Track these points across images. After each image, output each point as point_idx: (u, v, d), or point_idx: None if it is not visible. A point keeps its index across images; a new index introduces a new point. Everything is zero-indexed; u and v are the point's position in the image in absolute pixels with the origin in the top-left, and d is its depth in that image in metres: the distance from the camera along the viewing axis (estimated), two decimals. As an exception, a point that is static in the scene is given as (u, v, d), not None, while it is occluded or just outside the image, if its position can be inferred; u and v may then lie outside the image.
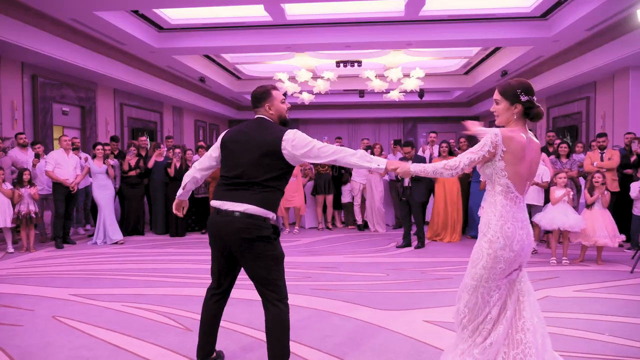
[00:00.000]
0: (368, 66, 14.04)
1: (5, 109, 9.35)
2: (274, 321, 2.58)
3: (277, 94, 2.72)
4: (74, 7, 8.26)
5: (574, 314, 3.89)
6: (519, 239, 2.31)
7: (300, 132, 2.60)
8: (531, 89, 2.33)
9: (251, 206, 2.52)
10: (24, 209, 6.30)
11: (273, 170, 2.56)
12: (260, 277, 2.59)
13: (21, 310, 4.08)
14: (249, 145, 2.59)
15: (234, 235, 2.53)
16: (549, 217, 5.69)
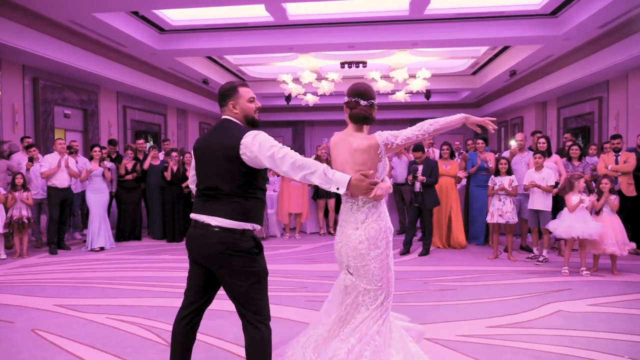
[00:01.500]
0: (373, 67, 13.83)
1: (6, 112, 9.25)
2: (253, 344, 2.34)
3: (245, 92, 2.46)
4: (73, 8, 8.14)
5: (589, 331, 3.59)
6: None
7: (264, 135, 2.30)
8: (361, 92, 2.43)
9: (225, 219, 2.30)
10: (17, 214, 6.15)
11: (238, 178, 2.31)
12: (240, 295, 2.35)
13: (1, 322, 3.91)
14: (210, 152, 2.38)
15: (210, 249, 2.32)
16: (566, 224, 5.27)
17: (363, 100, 2.39)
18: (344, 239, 2.44)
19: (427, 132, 2.47)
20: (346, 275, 2.53)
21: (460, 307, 4.16)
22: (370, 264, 2.42)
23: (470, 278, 5.21)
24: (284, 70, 14.55)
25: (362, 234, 2.43)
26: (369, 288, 2.44)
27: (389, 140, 2.39)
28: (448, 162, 7.04)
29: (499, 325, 3.71)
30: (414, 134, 2.43)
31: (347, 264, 2.45)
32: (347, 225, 2.44)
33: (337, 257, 2.59)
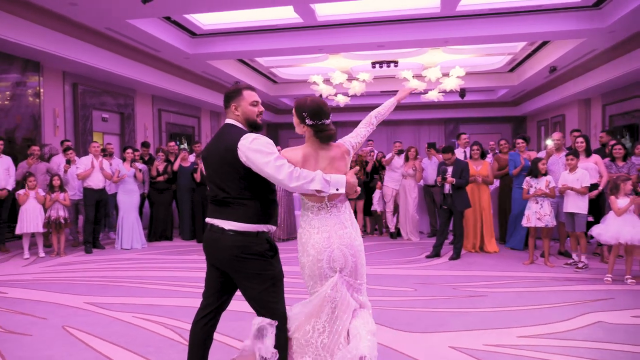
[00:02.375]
0: (405, 66, 13.60)
1: (48, 117, 9.63)
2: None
3: (249, 95, 2.44)
4: (108, 16, 8.37)
5: (631, 345, 3.33)
6: (313, 243, 2.37)
7: (262, 140, 2.28)
8: (320, 113, 2.33)
9: (237, 223, 2.31)
10: (54, 214, 6.37)
11: (243, 180, 2.31)
12: (255, 298, 2.37)
13: (34, 318, 4.04)
14: (213, 158, 2.40)
15: (225, 253, 2.34)
16: (613, 229, 4.92)
17: (326, 120, 2.36)
18: (337, 240, 2.36)
19: (374, 124, 2.72)
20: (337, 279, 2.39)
21: (489, 315, 4.00)
22: (363, 259, 2.47)
23: (502, 284, 5.01)
24: (314, 71, 14.53)
25: (353, 231, 2.43)
26: (360, 282, 2.46)
27: (353, 143, 2.56)
28: (479, 162, 6.81)
29: (531, 335, 3.53)
30: (366, 130, 2.66)
31: (342, 266, 2.37)
32: (332, 229, 2.38)
33: (321, 269, 2.37)
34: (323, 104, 2.36)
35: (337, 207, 2.41)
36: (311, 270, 2.37)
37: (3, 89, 8.47)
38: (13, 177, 6.69)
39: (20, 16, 7.70)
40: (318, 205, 2.38)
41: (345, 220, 2.42)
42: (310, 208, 2.40)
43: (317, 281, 2.38)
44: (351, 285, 2.41)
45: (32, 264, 6.11)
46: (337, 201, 2.41)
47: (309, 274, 2.39)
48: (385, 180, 7.75)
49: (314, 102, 2.36)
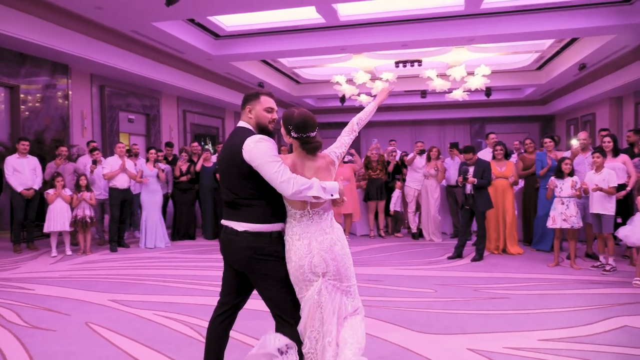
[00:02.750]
0: (429, 65, 13.46)
1: (76, 118, 9.89)
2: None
3: (266, 100, 2.47)
4: (134, 19, 8.54)
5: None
6: (295, 250, 2.37)
7: (265, 144, 2.30)
8: (306, 126, 2.33)
9: (250, 224, 2.36)
10: (81, 214, 6.53)
11: (250, 181, 2.34)
12: (269, 297, 2.43)
13: (59, 314, 4.14)
14: (224, 160, 2.46)
15: (239, 254, 2.40)
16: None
17: (311, 132, 2.35)
18: (317, 246, 2.37)
19: (357, 131, 2.70)
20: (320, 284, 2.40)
21: (510, 317, 3.92)
22: (347, 262, 2.45)
23: (524, 286, 4.90)
24: (338, 71, 14.52)
25: (334, 237, 2.42)
26: (347, 284, 2.45)
27: (338, 153, 2.56)
28: (502, 163, 6.66)
29: (552, 338, 3.44)
30: (349, 137, 2.64)
31: (323, 270, 2.38)
32: (312, 236, 2.38)
33: (304, 274, 2.37)
34: (309, 118, 2.35)
35: (319, 214, 2.41)
36: (295, 276, 2.38)
37: (33, 91, 8.75)
38: (40, 177, 6.89)
39: (49, 20, 7.94)
40: (300, 213, 2.39)
41: (326, 226, 2.42)
42: (293, 215, 2.41)
43: (302, 287, 2.39)
44: (338, 289, 2.42)
45: (59, 261, 6.28)
46: (319, 208, 2.41)
47: (294, 281, 2.40)
48: (407, 181, 7.68)
49: (301, 115, 2.35)
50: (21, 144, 6.76)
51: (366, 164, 7.89)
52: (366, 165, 7.89)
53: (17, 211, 6.73)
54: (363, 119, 2.76)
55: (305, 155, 2.42)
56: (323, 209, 2.42)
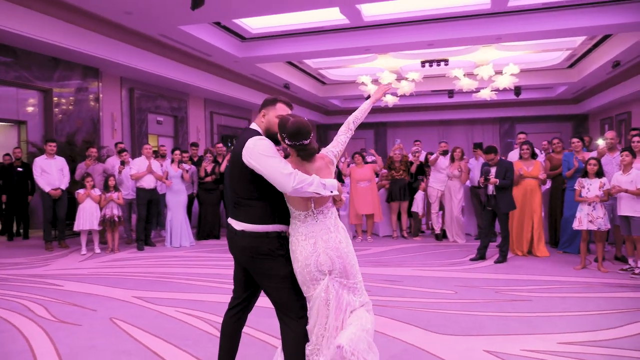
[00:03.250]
0: (456, 64, 13.30)
1: (106, 120, 10.21)
2: (285, 339, 2.45)
3: (282, 108, 2.49)
4: (161, 23, 8.76)
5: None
6: (301, 250, 2.40)
7: (266, 142, 2.35)
8: (299, 134, 2.32)
9: (247, 224, 2.42)
10: (109, 213, 6.74)
11: (249, 181, 2.39)
12: (270, 294, 2.49)
13: (86, 310, 4.29)
14: (230, 160, 2.53)
15: (240, 252, 2.47)
16: None
17: (305, 140, 2.36)
18: (323, 245, 2.41)
19: (353, 130, 2.75)
20: (327, 282, 2.42)
21: (531, 320, 3.84)
22: (352, 260, 2.47)
23: (548, 289, 4.79)
24: (363, 71, 14.50)
25: (338, 235, 2.46)
26: (353, 282, 2.46)
27: (335, 152, 2.61)
28: (530, 162, 6.52)
29: (572, 342, 3.36)
30: (345, 136, 2.69)
31: (330, 268, 2.40)
32: (317, 235, 2.42)
33: (311, 273, 2.40)
34: (303, 126, 2.34)
35: (324, 214, 2.45)
36: (302, 275, 2.41)
37: (65, 94, 9.07)
38: (67, 177, 7.13)
39: (81, 25, 8.22)
40: (305, 213, 2.41)
41: (331, 225, 2.45)
42: (297, 216, 2.43)
43: (309, 286, 2.41)
44: (345, 286, 2.44)
45: (88, 259, 6.50)
46: (323, 207, 2.44)
47: (301, 280, 2.42)
48: (430, 181, 7.61)
49: (294, 123, 2.33)
50: (48, 145, 7.01)
51: (389, 165, 7.86)
52: (389, 165, 7.85)
53: (46, 210, 6.99)
54: (359, 117, 2.80)
55: (299, 159, 2.45)
56: (327, 207, 2.45)
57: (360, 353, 2.25)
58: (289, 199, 2.41)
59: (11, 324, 3.89)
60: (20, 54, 8.09)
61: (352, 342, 2.26)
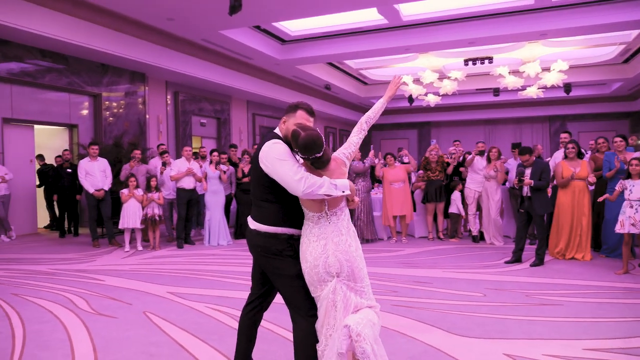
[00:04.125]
0: (501, 62, 12.95)
1: (152, 123, 10.66)
2: (295, 336, 2.52)
3: (301, 116, 2.52)
4: (202, 28, 9.07)
5: None
6: (311, 251, 2.42)
7: (281, 145, 2.40)
8: (312, 149, 2.33)
9: (258, 224, 2.51)
10: (150, 212, 7.05)
11: (265, 183, 2.46)
12: (281, 293, 2.58)
13: (122, 303, 4.53)
14: (252, 162, 2.62)
15: (254, 251, 2.58)
16: None
17: (318, 154, 2.38)
18: (333, 247, 2.42)
19: (366, 130, 2.76)
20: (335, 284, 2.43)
21: (559, 325, 3.71)
22: (360, 264, 2.48)
23: (583, 294, 4.59)
24: (404, 71, 14.38)
25: (349, 239, 2.47)
26: (361, 285, 2.47)
27: (347, 154, 2.63)
28: (576, 162, 6.21)
29: (599, 348, 3.23)
30: (358, 137, 2.71)
31: (338, 271, 2.42)
32: (328, 237, 2.44)
33: (318, 274, 2.42)
34: (312, 141, 2.33)
35: (337, 215, 2.47)
36: (310, 276, 2.44)
37: (114, 98, 9.56)
38: (109, 178, 7.51)
39: (127, 33, 8.64)
40: (318, 215, 2.44)
41: (343, 227, 2.47)
42: (311, 218, 2.46)
43: (316, 286, 2.44)
44: (352, 288, 2.44)
45: (130, 256, 6.82)
46: (336, 209, 2.46)
47: (309, 280, 2.45)
48: (467, 182, 7.45)
49: (305, 138, 2.33)
50: (91, 148, 7.42)
51: (424, 165, 7.77)
52: (424, 166, 7.76)
53: (91, 210, 7.39)
54: (372, 117, 2.80)
55: (317, 168, 2.49)
56: (340, 209, 2.48)
57: (366, 337, 2.27)
58: (303, 201, 2.46)
59: (54, 315, 4.17)
60: (71, 61, 8.61)
61: (359, 325, 2.29)
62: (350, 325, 2.28)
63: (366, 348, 2.26)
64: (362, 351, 2.26)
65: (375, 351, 2.30)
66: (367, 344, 2.27)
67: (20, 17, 7.00)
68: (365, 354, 2.26)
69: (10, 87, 7.99)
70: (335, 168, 2.53)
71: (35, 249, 7.30)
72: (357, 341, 2.26)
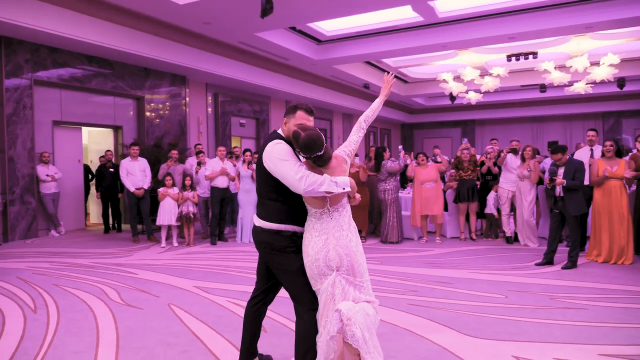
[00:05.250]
0: (546, 57, 12.48)
1: (193, 124, 11.05)
2: (297, 328, 2.62)
3: (301, 116, 2.60)
4: (238, 31, 9.31)
5: None
6: (313, 245, 2.50)
7: (282, 145, 2.49)
8: (312, 149, 2.41)
9: (262, 221, 2.61)
10: (185, 210, 7.34)
11: (267, 182, 2.56)
12: (285, 287, 2.68)
13: (149, 295, 4.76)
14: (257, 162, 2.70)
15: (259, 246, 2.69)
16: None
17: (318, 152, 2.45)
18: (334, 242, 2.49)
19: (365, 128, 2.83)
20: (334, 277, 2.49)
21: (578, 329, 3.58)
22: (360, 258, 2.53)
23: (612, 298, 4.39)
24: (445, 68, 14.15)
25: (349, 234, 2.54)
26: (360, 280, 2.52)
27: (347, 151, 2.72)
28: (614, 161, 5.94)
29: (616, 354, 3.09)
30: (358, 136, 2.79)
31: (338, 265, 2.48)
32: (330, 232, 2.50)
33: (319, 268, 2.49)
34: (313, 141, 2.41)
35: (339, 212, 2.54)
36: (311, 269, 2.51)
37: (156, 100, 9.99)
38: (149, 177, 7.87)
39: (167, 38, 9.02)
40: (320, 211, 2.52)
41: (344, 223, 2.54)
42: (314, 214, 2.54)
43: (317, 279, 2.52)
44: (351, 283, 2.51)
45: (166, 251, 7.13)
46: (338, 205, 2.53)
47: (310, 274, 2.53)
48: (501, 181, 7.24)
49: (305, 138, 2.42)
50: (132, 148, 7.80)
51: (456, 164, 7.62)
52: (456, 165, 7.62)
53: (131, 207, 7.79)
54: (370, 116, 2.87)
55: (318, 167, 2.58)
56: (342, 205, 2.55)
57: (357, 323, 2.33)
58: (306, 198, 2.54)
59: (87, 305, 4.45)
60: (116, 66, 9.09)
61: (350, 311, 2.35)
62: (342, 309, 2.35)
63: (356, 332, 2.32)
64: (352, 334, 2.32)
65: (365, 338, 2.35)
66: (357, 328, 2.33)
67: (68, 26, 7.47)
68: (354, 338, 2.31)
69: (60, 91, 8.54)
70: (336, 165, 2.60)
71: (81, 244, 7.77)
72: (347, 325, 2.33)
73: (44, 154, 8.17)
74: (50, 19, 7.23)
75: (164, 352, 3.34)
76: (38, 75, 7.97)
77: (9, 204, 7.71)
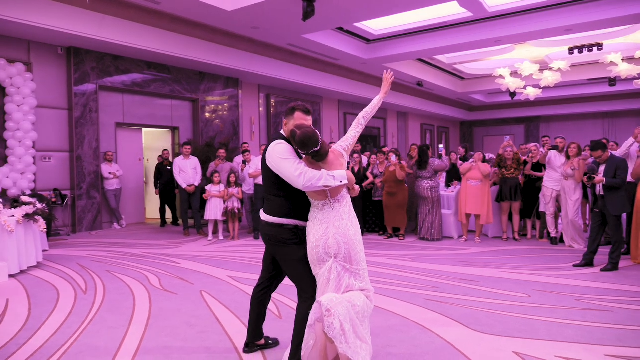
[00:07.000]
0: (612, 48, 11.75)
1: (246, 124, 11.54)
2: (297, 312, 2.80)
3: (299, 117, 2.80)
4: (286, 34, 9.63)
5: None
6: (314, 233, 2.68)
7: (283, 145, 2.69)
8: (307, 145, 2.57)
9: (267, 215, 2.84)
10: (230, 206, 7.75)
11: (271, 179, 2.77)
12: (288, 275, 2.90)
13: (186, 283, 5.14)
14: (262, 161, 2.91)
15: (265, 239, 2.91)
16: None
17: (315, 148, 2.60)
18: (333, 230, 2.65)
19: (364, 125, 2.95)
20: (332, 263, 2.64)
21: (593, 330, 3.47)
22: (357, 247, 2.67)
23: (644, 301, 4.17)
24: (502, 63, 13.71)
25: (349, 223, 2.69)
26: (357, 267, 2.66)
27: (344, 146, 2.86)
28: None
29: (623, 356, 2.99)
30: (356, 131, 2.92)
31: (336, 252, 2.63)
32: (330, 221, 2.67)
33: (318, 254, 2.66)
34: (308, 138, 2.59)
35: (339, 202, 2.71)
36: (311, 255, 2.70)
37: (210, 102, 10.56)
38: (199, 175, 8.36)
39: (219, 43, 9.52)
40: (323, 202, 2.70)
41: (344, 213, 2.70)
42: (317, 205, 2.73)
43: (316, 265, 2.70)
44: (348, 270, 2.65)
45: (211, 244, 7.57)
46: (338, 197, 2.71)
47: (311, 259, 2.72)
48: (545, 180, 6.97)
49: (300, 136, 2.60)
50: (184, 148, 8.32)
51: (498, 163, 7.42)
52: (499, 163, 7.42)
53: (183, 203, 8.32)
54: (369, 112, 2.99)
55: (317, 162, 2.76)
56: (342, 196, 2.74)
57: (336, 315, 2.46)
58: (309, 192, 2.74)
59: (130, 289, 4.90)
60: (172, 70, 9.73)
61: (331, 303, 2.49)
62: (322, 301, 2.50)
63: (334, 322, 2.46)
64: (329, 324, 2.46)
65: (345, 329, 2.48)
66: (335, 319, 2.46)
67: (129, 36, 8.15)
68: (331, 328, 2.45)
69: (122, 95, 9.30)
70: (334, 160, 2.77)
71: (138, 236, 8.43)
72: (326, 316, 2.47)
73: (108, 153, 8.95)
74: (114, 29, 7.92)
75: (185, 331, 3.65)
76: (103, 81, 8.74)
77: (77, 198, 8.52)
